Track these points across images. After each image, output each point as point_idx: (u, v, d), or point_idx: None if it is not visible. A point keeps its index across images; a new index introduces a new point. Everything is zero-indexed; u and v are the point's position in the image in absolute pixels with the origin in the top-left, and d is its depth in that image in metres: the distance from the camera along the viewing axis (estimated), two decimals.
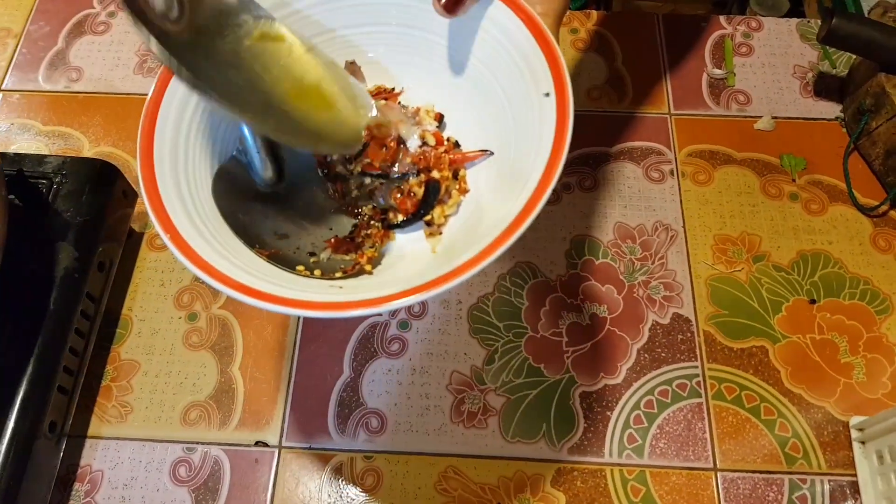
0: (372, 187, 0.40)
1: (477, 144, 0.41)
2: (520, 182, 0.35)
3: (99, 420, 0.53)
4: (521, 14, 0.38)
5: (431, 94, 0.43)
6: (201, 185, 0.37)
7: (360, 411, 0.53)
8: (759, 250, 0.59)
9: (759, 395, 0.54)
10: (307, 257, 0.38)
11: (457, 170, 0.40)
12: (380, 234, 0.40)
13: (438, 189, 0.39)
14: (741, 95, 0.67)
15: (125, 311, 0.57)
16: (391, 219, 0.40)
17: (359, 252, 0.39)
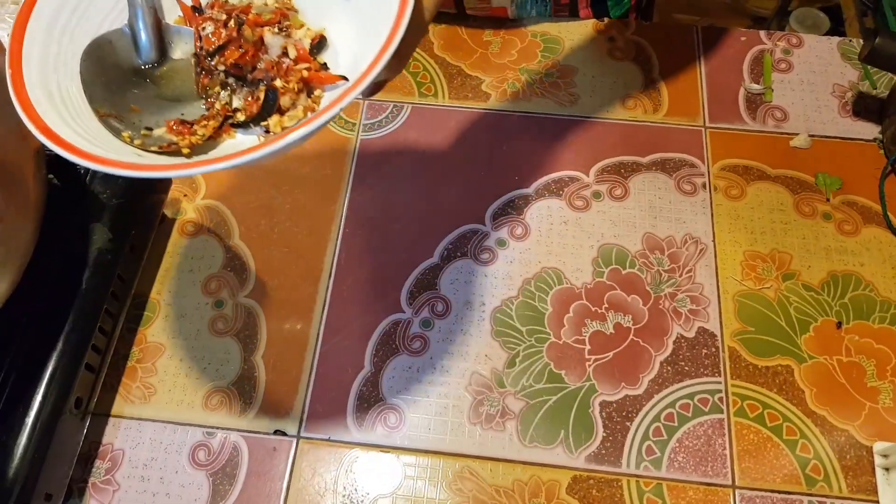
0: (233, 87, 0.42)
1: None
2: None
3: (123, 400, 0.54)
4: None
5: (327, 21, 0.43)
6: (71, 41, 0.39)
7: (378, 406, 0.54)
8: (789, 268, 0.59)
9: (782, 414, 0.54)
10: (140, 129, 0.39)
11: (311, 88, 0.42)
12: (216, 125, 0.41)
13: (276, 97, 0.40)
14: (778, 112, 0.67)
15: (153, 295, 0.58)
16: (235, 117, 0.41)
17: (188, 140, 0.40)
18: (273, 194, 0.63)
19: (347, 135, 0.66)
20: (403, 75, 0.69)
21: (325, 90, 0.42)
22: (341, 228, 0.61)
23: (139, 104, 0.40)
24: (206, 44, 0.41)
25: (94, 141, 0.36)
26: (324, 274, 0.59)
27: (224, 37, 0.40)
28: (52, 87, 0.38)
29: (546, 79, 0.69)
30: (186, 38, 0.42)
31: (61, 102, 0.38)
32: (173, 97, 0.41)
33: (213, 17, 0.41)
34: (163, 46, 0.42)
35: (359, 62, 0.39)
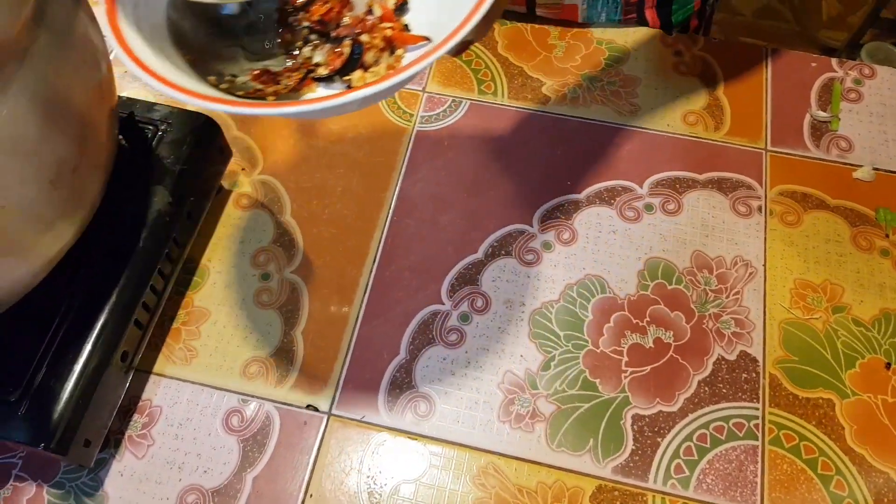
0: (315, 43, 0.43)
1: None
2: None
3: (165, 359, 0.56)
4: None
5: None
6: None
7: (410, 393, 0.55)
8: (840, 301, 0.58)
9: (819, 448, 0.53)
10: (224, 75, 0.41)
11: (393, 47, 0.43)
12: (299, 76, 0.42)
13: (361, 52, 0.42)
14: (843, 141, 0.66)
15: (204, 262, 0.60)
16: (318, 72, 0.43)
17: (271, 90, 0.42)
18: (327, 176, 0.64)
19: (404, 125, 0.67)
20: (464, 71, 0.70)
21: (407, 50, 0.43)
22: (390, 215, 0.62)
23: (222, 53, 0.42)
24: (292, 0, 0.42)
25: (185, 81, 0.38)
26: (368, 258, 0.61)
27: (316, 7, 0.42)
28: (143, 30, 0.40)
29: (608, 87, 0.69)
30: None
31: (153, 44, 0.40)
32: (254, 51, 0.43)
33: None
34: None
35: (440, 25, 0.40)
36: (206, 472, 0.52)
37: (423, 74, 0.70)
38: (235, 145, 0.65)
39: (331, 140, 0.66)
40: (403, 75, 0.35)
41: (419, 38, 0.43)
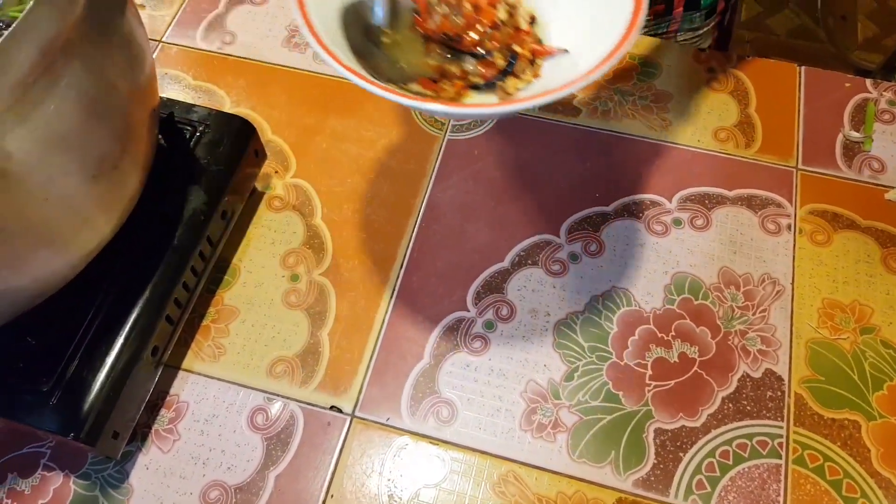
0: (461, 57, 0.48)
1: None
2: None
3: (194, 355, 0.57)
4: None
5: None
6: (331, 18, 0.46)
7: (433, 398, 0.55)
8: (868, 322, 0.57)
9: (844, 469, 0.52)
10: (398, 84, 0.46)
11: (535, 58, 0.48)
12: (461, 84, 0.47)
13: (515, 61, 0.47)
14: (876, 162, 0.65)
15: (235, 261, 0.61)
16: (472, 80, 0.47)
17: (437, 95, 0.46)
18: (358, 181, 0.65)
19: (436, 133, 0.67)
20: None
21: (545, 60, 0.48)
22: (418, 222, 0.62)
23: (380, 62, 0.47)
24: (445, 26, 0.47)
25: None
26: (396, 263, 0.61)
27: (462, 25, 0.48)
28: (328, 27, 0.44)
29: (640, 101, 0.69)
30: (412, 10, 0.49)
31: (334, 39, 0.44)
32: (404, 60, 0.47)
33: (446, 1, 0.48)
34: (396, 16, 0.48)
35: (580, 42, 0.47)
36: (229, 468, 0.53)
37: None
38: (270, 148, 0.66)
39: (363, 146, 0.67)
40: (581, 83, 0.40)
41: (558, 49, 0.48)
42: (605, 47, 0.43)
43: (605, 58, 0.41)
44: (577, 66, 0.45)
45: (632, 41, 0.41)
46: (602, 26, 0.45)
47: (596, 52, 0.43)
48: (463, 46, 0.48)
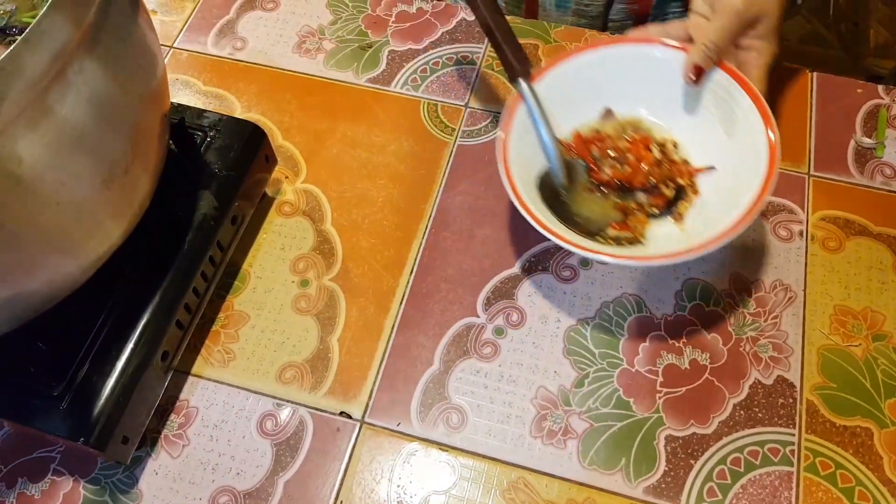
0: (633, 194, 0.58)
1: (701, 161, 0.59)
2: (740, 192, 0.53)
3: (203, 361, 0.56)
4: (738, 79, 0.56)
5: (670, 126, 0.60)
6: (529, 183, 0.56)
7: (442, 405, 0.54)
8: (881, 329, 0.56)
9: (856, 477, 0.51)
10: (598, 234, 0.55)
11: (692, 181, 0.57)
12: (644, 219, 0.57)
13: (683, 191, 0.57)
14: (888, 168, 0.64)
15: (245, 266, 0.60)
16: (649, 210, 0.57)
17: (632, 230, 0.56)
18: (368, 186, 0.64)
19: (445, 138, 0.67)
20: (507, 87, 0.69)
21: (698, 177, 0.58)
22: (428, 227, 0.62)
23: (580, 215, 0.56)
24: (616, 175, 0.57)
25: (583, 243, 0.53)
26: (406, 269, 0.60)
27: (629, 172, 0.57)
28: (526, 184, 0.55)
29: None
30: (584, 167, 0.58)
31: (531, 197, 0.54)
32: (586, 208, 0.57)
33: (610, 157, 0.58)
34: (570, 175, 0.57)
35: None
36: (238, 474, 0.52)
37: (465, 90, 0.69)
38: (280, 154, 0.65)
39: (373, 151, 0.66)
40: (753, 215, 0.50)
41: (706, 168, 0.57)
42: (742, 156, 0.54)
43: (746, 213, 0.51)
44: (719, 173, 0.57)
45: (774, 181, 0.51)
46: (737, 139, 0.56)
47: (732, 160, 0.55)
48: (634, 186, 0.57)
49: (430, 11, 0.75)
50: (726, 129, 0.56)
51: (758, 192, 0.51)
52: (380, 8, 0.76)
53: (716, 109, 0.57)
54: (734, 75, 0.56)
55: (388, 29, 0.74)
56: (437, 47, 0.72)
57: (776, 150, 0.52)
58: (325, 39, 0.73)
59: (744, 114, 0.55)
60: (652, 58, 0.58)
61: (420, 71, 0.71)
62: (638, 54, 0.59)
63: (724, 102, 0.56)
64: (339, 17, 0.75)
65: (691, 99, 0.58)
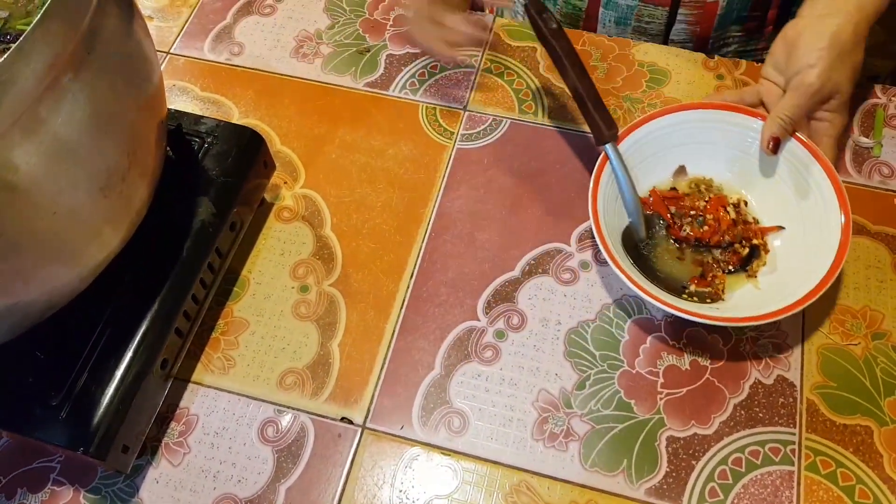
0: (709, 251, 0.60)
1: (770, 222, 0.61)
2: (809, 254, 0.55)
3: (204, 368, 0.55)
4: (813, 152, 0.57)
5: (741, 186, 0.62)
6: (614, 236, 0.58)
7: (444, 409, 0.53)
8: (880, 328, 0.56)
9: (857, 475, 0.50)
10: (682, 290, 0.57)
11: (764, 239, 0.59)
12: (722, 277, 0.58)
13: (758, 250, 0.59)
14: (885, 168, 0.63)
15: (244, 273, 0.59)
16: (724, 267, 0.58)
17: (712, 286, 0.57)
18: (367, 191, 0.63)
19: (445, 142, 0.66)
20: (506, 90, 0.69)
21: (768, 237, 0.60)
22: (428, 231, 0.61)
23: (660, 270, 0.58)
24: (695, 233, 0.59)
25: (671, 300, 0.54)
26: (406, 273, 0.59)
27: (708, 231, 0.59)
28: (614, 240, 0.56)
29: (648, 108, 0.67)
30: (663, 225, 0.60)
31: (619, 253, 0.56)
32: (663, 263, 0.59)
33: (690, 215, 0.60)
34: (649, 228, 0.59)
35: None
36: (240, 481, 0.51)
37: (464, 93, 0.69)
38: (279, 159, 0.64)
39: (372, 156, 0.65)
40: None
41: (776, 227, 0.59)
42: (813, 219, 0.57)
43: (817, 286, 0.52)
44: (789, 234, 0.59)
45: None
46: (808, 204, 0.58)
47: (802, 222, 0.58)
48: (710, 244, 0.59)
49: None
50: (797, 195, 0.59)
51: (828, 268, 0.53)
52: (377, 12, 0.75)
53: (789, 177, 0.59)
54: (809, 148, 0.58)
55: (387, 33, 0.73)
56: None
57: (849, 229, 0.54)
58: (322, 44, 0.73)
59: (816, 184, 0.57)
60: (728, 122, 0.61)
61: (418, 75, 0.70)
62: (715, 119, 0.61)
63: (797, 172, 0.58)
64: (337, 21, 0.74)
65: (765, 164, 0.60)
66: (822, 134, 0.58)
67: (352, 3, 0.76)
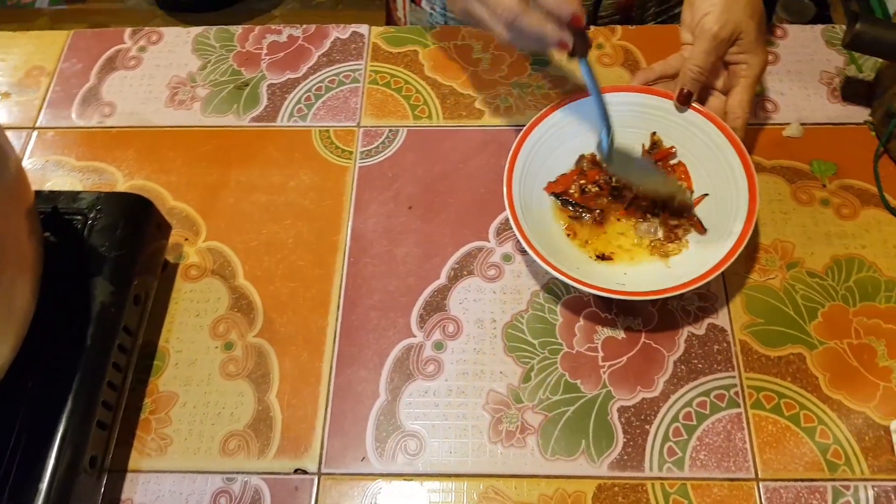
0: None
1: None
2: (724, 231, 0.52)
3: (139, 453, 0.49)
4: (717, 123, 0.56)
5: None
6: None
7: (397, 434, 0.49)
8: (792, 257, 0.55)
9: (799, 402, 0.50)
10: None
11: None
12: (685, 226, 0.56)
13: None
14: (769, 103, 0.62)
15: (162, 343, 0.53)
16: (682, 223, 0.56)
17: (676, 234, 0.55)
18: (275, 230, 0.58)
19: (345, 163, 0.61)
20: (396, 99, 0.64)
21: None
22: (346, 258, 0.56)
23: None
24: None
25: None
26: (332, 305, 0.54)
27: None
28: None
29: (538, 91, 0.64)
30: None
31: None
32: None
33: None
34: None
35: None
36: None
37: (355, 110, 0.64)
38: (173, 216, 0.58)
39: (272, 192, 0.60)
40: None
41: (701, 196, 0.57)
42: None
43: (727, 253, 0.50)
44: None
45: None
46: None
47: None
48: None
49: (301, 37, 0.69)
50: (705, 163, 0.57)
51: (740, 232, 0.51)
52: (248, 43, 0.69)
53: (693, 146, 0.57)
54: (705, 114, 0.56)
55: (262, 63, 0.67)
56: (316, 72, 0.66)
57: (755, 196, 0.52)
58: (197, 86, 0.66)
59: (719, 149, 0.55)
60: (640, 104, 0.58)
61: (304, 100, 0.65)
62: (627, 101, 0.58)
63: (704, 145, 0.56)
64: (208, 60, 0.68)
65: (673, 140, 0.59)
66: (739, 76, 0.56)
67: (220, 39, 0.69)
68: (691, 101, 0.56)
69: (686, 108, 0.56)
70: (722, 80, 0.57)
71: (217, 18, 1.84)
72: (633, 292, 0.49)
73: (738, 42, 0.54)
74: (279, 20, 1.83)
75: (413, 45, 0.68)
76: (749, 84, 0.55)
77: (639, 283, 0.52)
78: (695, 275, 0.50)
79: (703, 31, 0.54)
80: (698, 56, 0.54)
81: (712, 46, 0.54)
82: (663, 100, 0.57)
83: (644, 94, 0.58)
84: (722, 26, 0.53)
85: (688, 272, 0.51)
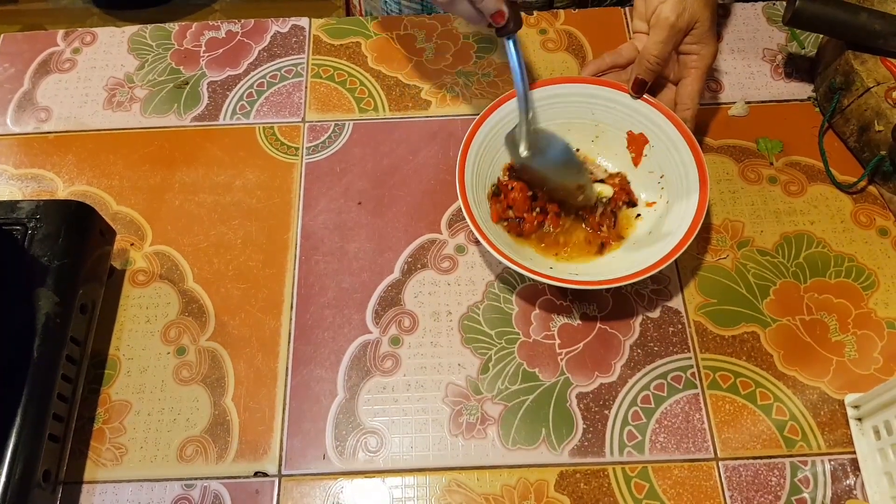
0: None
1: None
2: (676, 221, 0.55)
3: (94, 464, 0.51)
4: (667, 114, 0.58)
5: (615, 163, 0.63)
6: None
7: (357, 432, 0.52)
8: (742, 236, 0.59)
9: (754, 380, 0.53)
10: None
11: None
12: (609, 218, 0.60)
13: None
14: (713, 83, 0.66)
15: (112, 351, 0.55)
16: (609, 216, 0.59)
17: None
18: (223, 231, 0.60)
19: (291, 160, 0.63)
20: (340, 92, 0.66)
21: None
22: (297, 256, 0.59)
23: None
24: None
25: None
26: (285, 305, 0.57)
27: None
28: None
29: (483, 78, 0.67)
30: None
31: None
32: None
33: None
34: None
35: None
36: None
37: (299, 105, 0.66)
38: (118, 221, 0.60)
39: (218, 193, 0.62)
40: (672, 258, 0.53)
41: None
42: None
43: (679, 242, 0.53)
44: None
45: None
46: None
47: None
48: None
49: (240, 32, 0.70)
50: (660, 166, 0.59)
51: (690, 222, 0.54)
52: (186, 40, 0.70)
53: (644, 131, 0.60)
54: (657, 107, 0.59)
55: (201, 60, 0.69)
56: (257, 67, 0.68)
57: (706, 189, 0.55)
58: (135, 87, 0.67)
59: (672, 143, 0.58)
60: (591, 95, 0.60)
61: (246, 96, 0.66)
62: (579, 93, 0.60)
63: (653, 134, 0.59)
64: (146, 59, 0.69)
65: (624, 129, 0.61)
66: (690, 66, 0.58)
67: (157, 38, 0.70)
68: (645, 90, 0.59)
69: (639, 97, 0.59)
70: (672, 70, 0.60)
71: (157, 14, 1.82)
72: (589, 282, 0.52)
73: (692, 31, 0.57)
74: (220, 14, 1.82)
75: (355, 36, 0.70)
76: (699, 75, 0.58)
77: (593, 273, 0.55)
78: (647, 263, 0.52)
79: (660, 19, 0.56)
80: (656, 45, 0.57)
81: (669, 35, 0.56)
82: (614, 91, 0.59)
83: (595, 85, 0.60)
84: (679, 15, 0.56)
85: (641, 259, 0.53)
